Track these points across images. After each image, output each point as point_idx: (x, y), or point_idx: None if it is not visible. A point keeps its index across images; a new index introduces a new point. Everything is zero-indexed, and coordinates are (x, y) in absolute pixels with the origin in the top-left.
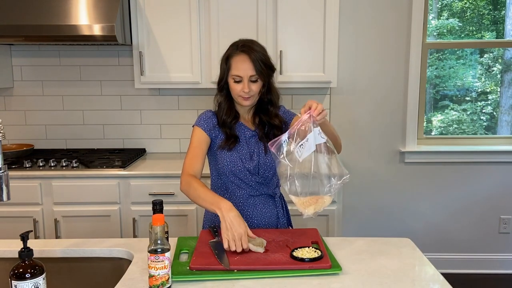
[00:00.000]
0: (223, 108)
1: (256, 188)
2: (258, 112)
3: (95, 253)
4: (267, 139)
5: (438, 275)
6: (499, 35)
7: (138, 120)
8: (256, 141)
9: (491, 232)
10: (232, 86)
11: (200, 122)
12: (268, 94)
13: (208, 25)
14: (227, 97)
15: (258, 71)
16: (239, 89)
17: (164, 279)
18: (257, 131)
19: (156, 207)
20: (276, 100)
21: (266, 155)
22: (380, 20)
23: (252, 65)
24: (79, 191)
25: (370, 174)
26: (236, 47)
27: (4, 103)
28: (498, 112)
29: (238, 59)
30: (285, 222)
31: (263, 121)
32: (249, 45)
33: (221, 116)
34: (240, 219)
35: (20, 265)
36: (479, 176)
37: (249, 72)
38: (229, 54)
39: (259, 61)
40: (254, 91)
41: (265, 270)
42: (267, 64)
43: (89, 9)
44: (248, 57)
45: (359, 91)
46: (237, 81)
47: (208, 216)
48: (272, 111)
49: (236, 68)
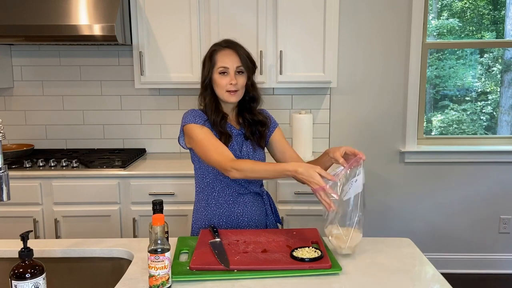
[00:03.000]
0: (210, 108)
1: (244, 186)
2: (241, 112)
3: (95, 253)
4: (253, 137)
5: (438, 275)
6: (499, 35)
7: (138, 120)
8: (242, 140)
9: (491, 232)
10: (218, 81)
11: (196, 119)
12: (251, 91)
13: (208, 25)
14: (212, 96)
15: (244, 63)
16: (226, 82)
17: (164, 279)
18: (242, 130)
19: (156, 207)
20: (258, 96)
21: (255, 152)
22: (380, 20)
23: (238, 58)
24: (79, 191)
25: (370, 174)
26: (219, 45)
27: (4, 103)
28: (498, 112)
29: (223, 53)
30: (273, 219)
31: (247, 120)
32: (233, 41)
33: (210, 116)
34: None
35: (20, 265)
36: (479, 176)
37: (235, 64)
38: (213, 50)
39: (244, 55)
40: (240, 84)
41: (265, 270)
42: (251, 58)
43: (89, 9)
44: (233, 51)
45: (359, 91)
46: (222, 72)
47: (197, 215)
48: (254, 107)
49: (222, 60)
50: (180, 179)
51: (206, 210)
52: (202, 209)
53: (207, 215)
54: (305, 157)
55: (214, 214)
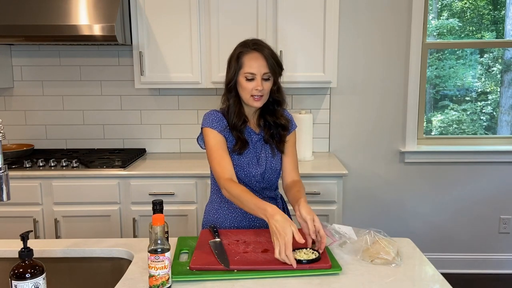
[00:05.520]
0: (233, 111)
1: (259, 192)
2: (263, 114)
3: (95, 253)
4: (273, 141)
5: (438, 275)
6: (499, 35)
7: (138, 120)
8: (262, 145)
9: (491, 232)
10: (244, 85)
11: (213, 124)
12: (276, 95)
13: (208, 25)
14: (237, 98)
15: (271, 68)
16: (252, 88)
17: (164, 279)
18: (262, 133)
19: (156, 207)
20: (283, 100)
21: (274, 158)
22: (380, 20)
23: (265, 62)
24: (79, 191)
25: (370, 174)
26: (246, 46)
27: (4, 103)
28: (498, 112)
29: (251, 56)
30: None
31: (269, 122)
32: (260, 43)
33: (232, 119)
34: (286, 223)
35: (20, 265)
36: (479, 176)
37: (262, 70)
38: (240, 52)
39: (272, 58)
40: (266, 90)
41: (265, 270)
42: (278, 62)
43: (89, 9)
44: (261, 54)
45: (359, 91)
46: (249, 79)
47: (208, 217)
48: (279, 111)
49: (249, 65)
50: (180, 179)
51: (218, 212)
52: (214, 211)
53: (218, 217)
54: (305, 157)
55: (226, 217)
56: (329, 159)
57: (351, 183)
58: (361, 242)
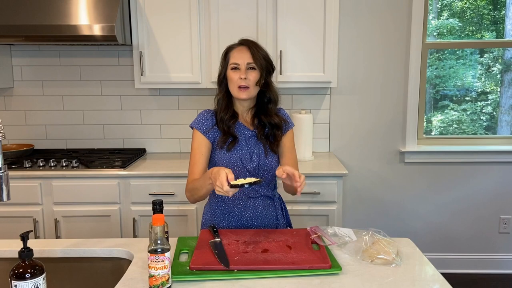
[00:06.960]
0: (221, 105)
1: (255, 189)
2: (258, 114)
3: (95, 253)
4: (267, 141)
5: (438, 275)
6: (499, 35)
7: (138, 120)
8: (255, 141)
9: (491, 232)
10: (230, 76)
11: (199, 125)
12: (267, 92)
13: (208, 25)
14: (226, 93)
15: (255, 59)
16: (237, 77)
17: (164, 279)
18: (256, 131)
19: (156, 207)
20: (276, 98)
21: (266, 157)
22: (380, 20)
23: (249, 54)
24: (79, 191)
25: (370, 174)
26: (235, 43)
27: (4, 103)
28: (498, 112)
29: (237, 49)
30: (284, 223)
31: (263, 122)
32: (248, 39)
33: (219, 113)
34: (220, 169)
35: (20, 265)
36: (479, 176)
37: (246, 59)
38: (228, 48)
39: (257, 52)
40: (252, 80)
41: (265, 270)
42: (266, 58)
43: (89, 9)
44: (246, 47)
45: (359, 91)
46: (234, 68)
47: (206, 217)
48: (271, 109)
49: (234, 57)
50: (180, 179)
51: (215, 212)
52: (212, 211)
53: (216, 217)
54: (305, 157)
55: (224, 217)
56: (329, 159)
57: (351, 183)
58: (361, 242)
